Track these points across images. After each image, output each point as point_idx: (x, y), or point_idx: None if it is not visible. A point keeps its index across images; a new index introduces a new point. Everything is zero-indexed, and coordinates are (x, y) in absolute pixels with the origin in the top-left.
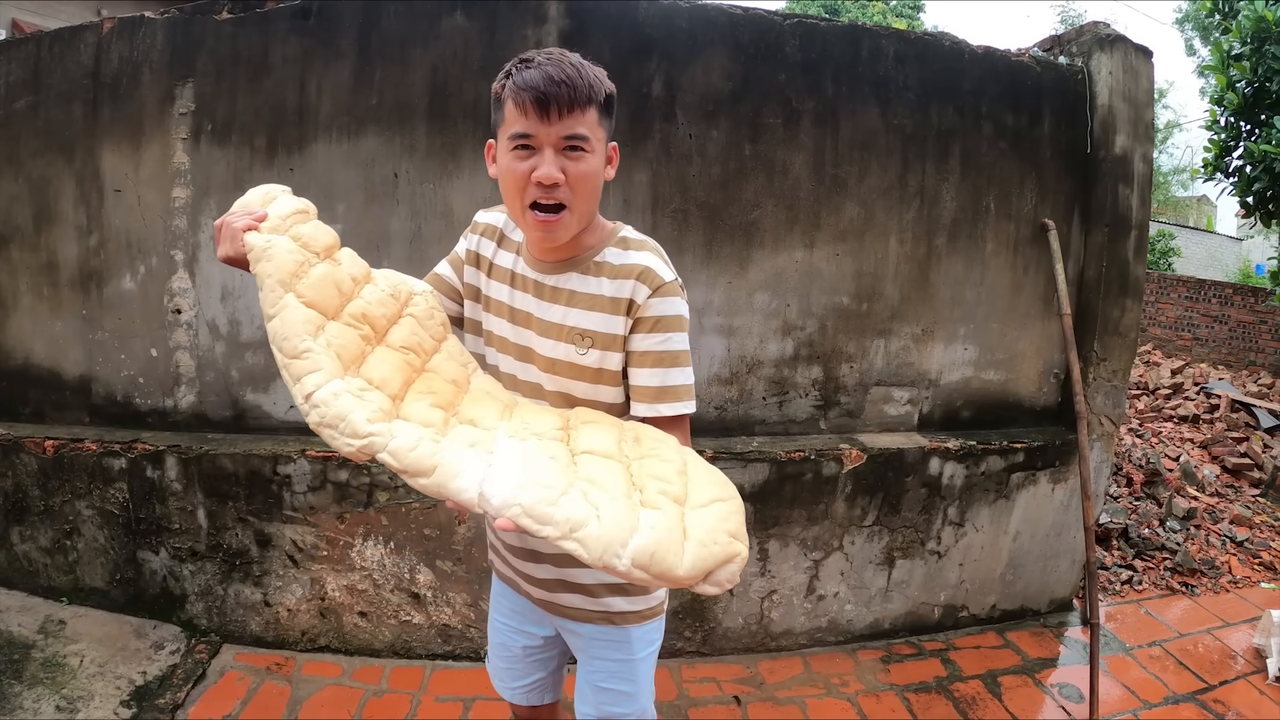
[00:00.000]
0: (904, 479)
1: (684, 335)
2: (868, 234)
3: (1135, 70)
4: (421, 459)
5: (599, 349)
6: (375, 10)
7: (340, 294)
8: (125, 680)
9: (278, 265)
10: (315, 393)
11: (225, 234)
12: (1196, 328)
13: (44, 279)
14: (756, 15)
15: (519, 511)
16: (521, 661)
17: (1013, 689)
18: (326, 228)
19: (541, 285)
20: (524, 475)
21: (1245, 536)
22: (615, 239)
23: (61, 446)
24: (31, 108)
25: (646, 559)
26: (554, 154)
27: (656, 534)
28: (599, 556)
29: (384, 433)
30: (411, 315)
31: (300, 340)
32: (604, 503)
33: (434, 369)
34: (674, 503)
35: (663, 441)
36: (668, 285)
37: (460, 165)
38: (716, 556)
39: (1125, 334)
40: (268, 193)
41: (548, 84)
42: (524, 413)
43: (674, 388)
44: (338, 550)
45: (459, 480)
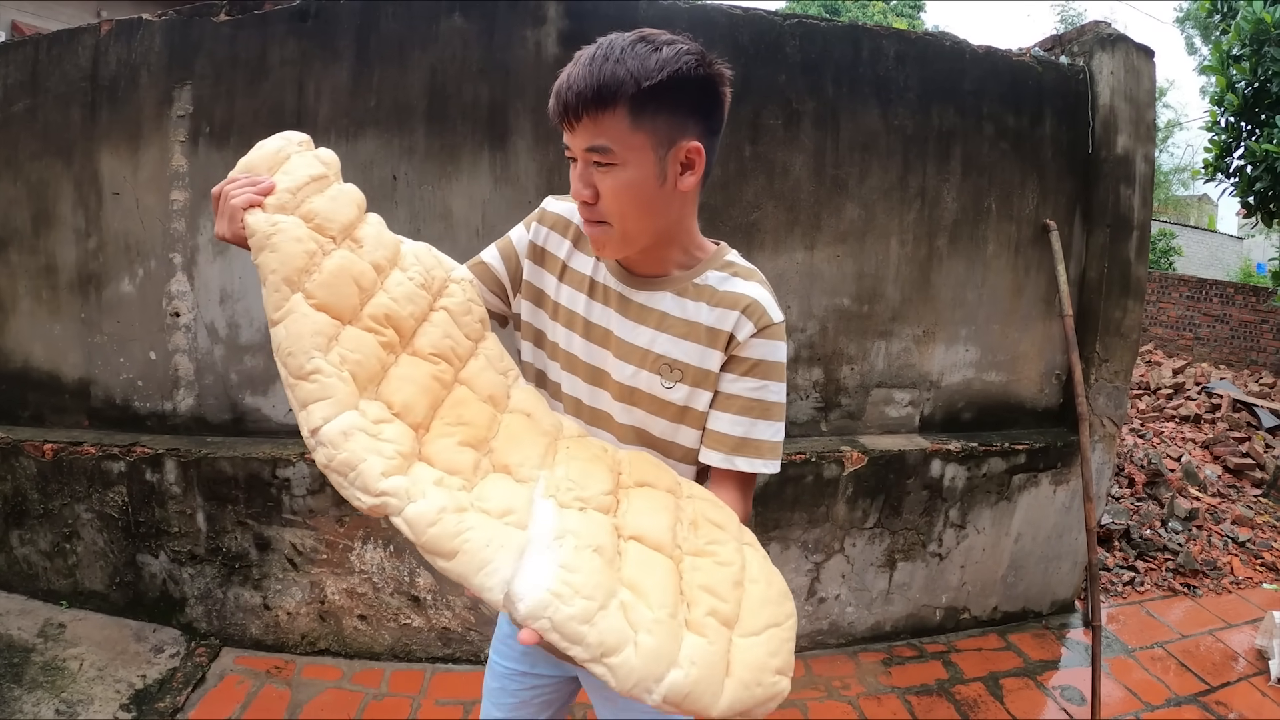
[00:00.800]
0: (905, 481)
1: (782, 387)
2: (868, 235)
3: (1136, 70)
4: (441, 539)
5: (688, 384)
6: (373, 12)
7: (359, 290)
8: (125, 684)
9: (283, 259)
10: (323, 428)
11: (223, 209)
12: (1198, 327)
13: (43, 282)
14: (756, 16)
15: (548, 626)
16: (528, 705)
17: (1014, 691)
18: (349, 195)
19: (628, 301)
20: (560, 578)
21: (1247, 537)
22: (720, 261)
23: (61, 450)
24: (30, 110)
25: (680, 698)
26: (584, 168)
27: (697, 671)
28: (629, 688)
29: (400, 493)
30: (445, 309)
31: (307, 357)
32: (644, 625)
33: (468, 381)
34: (723, 627)
35: (723, 529)
36: (775, 327)
37: (459, 167)
38: (757, 698)
39: (1127, 335)
40: (279, 150)
41: (563, 90)
42: (569, 459)
43: (757, 442)
44: (337, 553)
45: (484, 575)
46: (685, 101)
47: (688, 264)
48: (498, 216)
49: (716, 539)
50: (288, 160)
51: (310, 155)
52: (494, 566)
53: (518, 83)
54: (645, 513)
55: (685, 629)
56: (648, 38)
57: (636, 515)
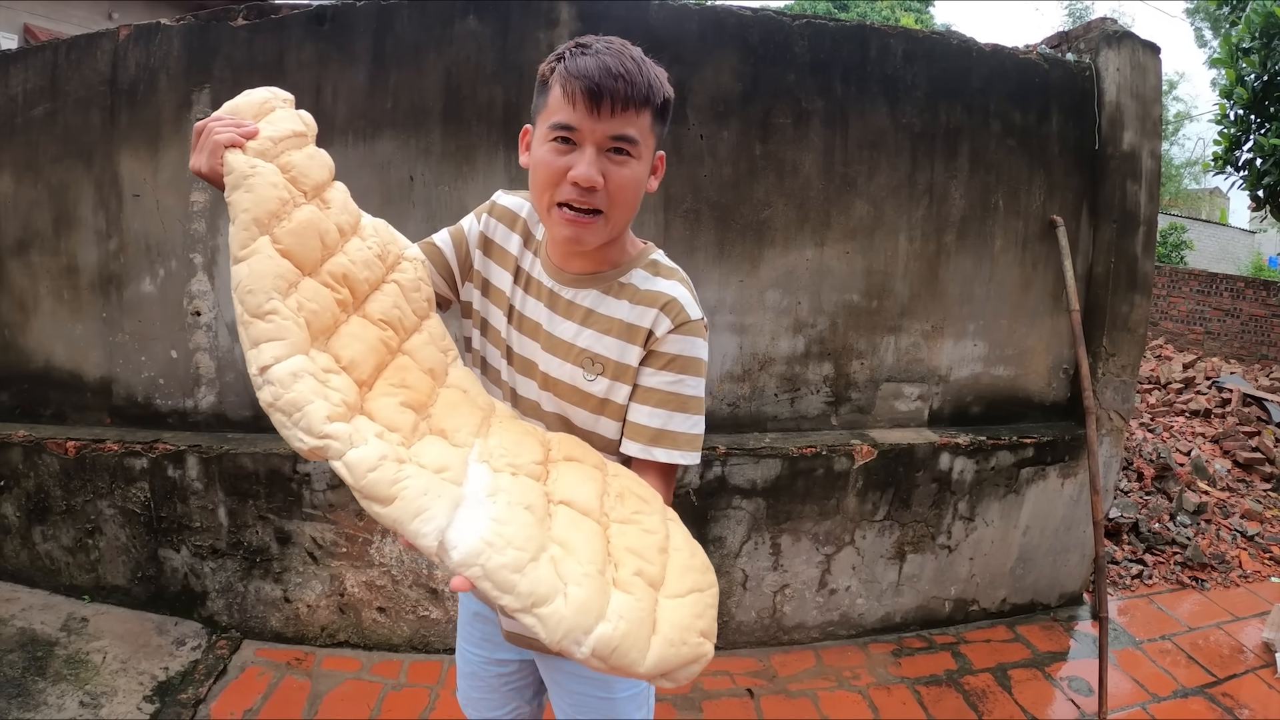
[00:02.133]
0: (914, 474)
1: (700, 381)
2: (877, 232)
3: (1143, 66)
4: (379, 484)
5: (608, 378)
6: (389, 15)
7: (323, 247)
8: (148, 676)
9: (257, 199)
10: (273, 367)
11: (204, 143)
12: (1208, 321)
13: (64, 283)
14: (765, 16)
15: (479, 574)
16: (497, 691)
17: (1022, 682)
18: (323, 157)
19: (556, 296)
20: (492, 529)
21: (1256, 531)
22: (645, 261)
23: (83, 447)
24: (50, 114)
25: (608, 651)
26: (596, 154)
27: (625, 625)
28: (558, 640)
29: (342, 437)
30: (396, 283)
31: (266, 297)
32: (574, 578)
33: (411, 352)
34: (649, 587)
35: (648, 503)
36: (693, 324)
37: (475, 168)
38: (683, 657)
39: (1134, 329)
40: (265, 101)
41: (604, 75)
42: (503, 431)
43: (675, 434)
44: (357, 547)
45: (419, 522)
46: (667, 115)
47: (617, 262)
48: None
49: (642, 510)
50: (273, 111)
51: (293, 112)
52: (430, 514)
53: (531, 84)
54: (574, 482)
55: (613, 587)
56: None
57: (565, 484)
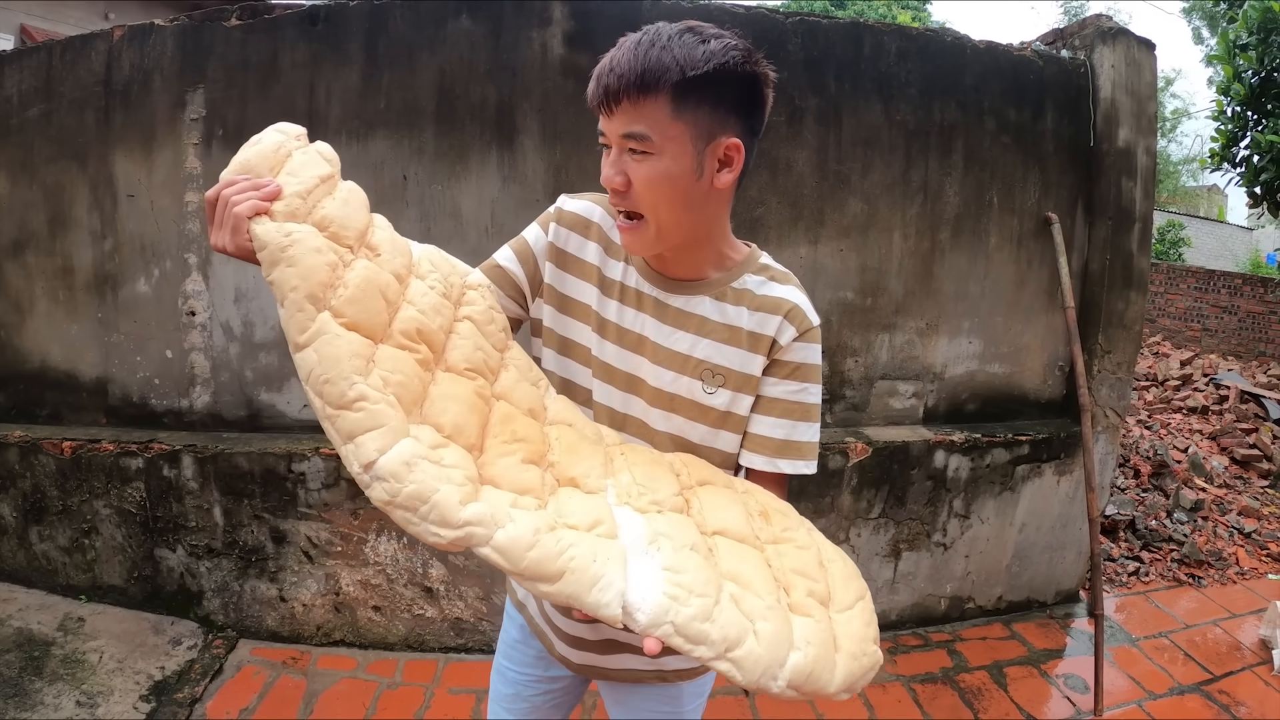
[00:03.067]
0: (909, 472)
1: (819, 388)
2: (871, 229)
3: (1138, 63)
4: (544, 561)
5: (730, 389)
6: (382, 15)
7: (387, 305)
8: (144, 675)
9: (303, 272)
10: (379, 461)
11: (223, 217)
12: (1206, 318)
13: (59, 283)
14: (759, 14)
15: (671, 631)
16: (539, 710)
17: (1018, 680)
18: (358, 197)
19: (664, 306)
20: (670, 580)
21: (1253, 528)
22: (755, 265)
23: (79, 447)
24: (45, 115)
25: (803, 679)
26: (617, 154)
27: (814, 650)
28: (756, 679)
29: (484, 520)
30: (470, 319)
31: (349, 384)
32: (759, 613)
33: (506, 395)
34: (821, 605)
35: (788, 516)
36: (814, 330)
37: (468, 167)
38: (864, 669)
39: (1130, 326)
40: (279, 147)
41: (601, 72)
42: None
43: (800, 444)
44: (352, 546)
45: (598, 591)
46: (728, 96)
47: (722, 266)
48: (506, 215)
49: (789, 525)
50: (289, 158)
51: (313, 152)
52: (607, 580)
53: (524, 83)
54: (719, 508)
55: (791, 612)
56: (696, 29)
57: (712, 511)
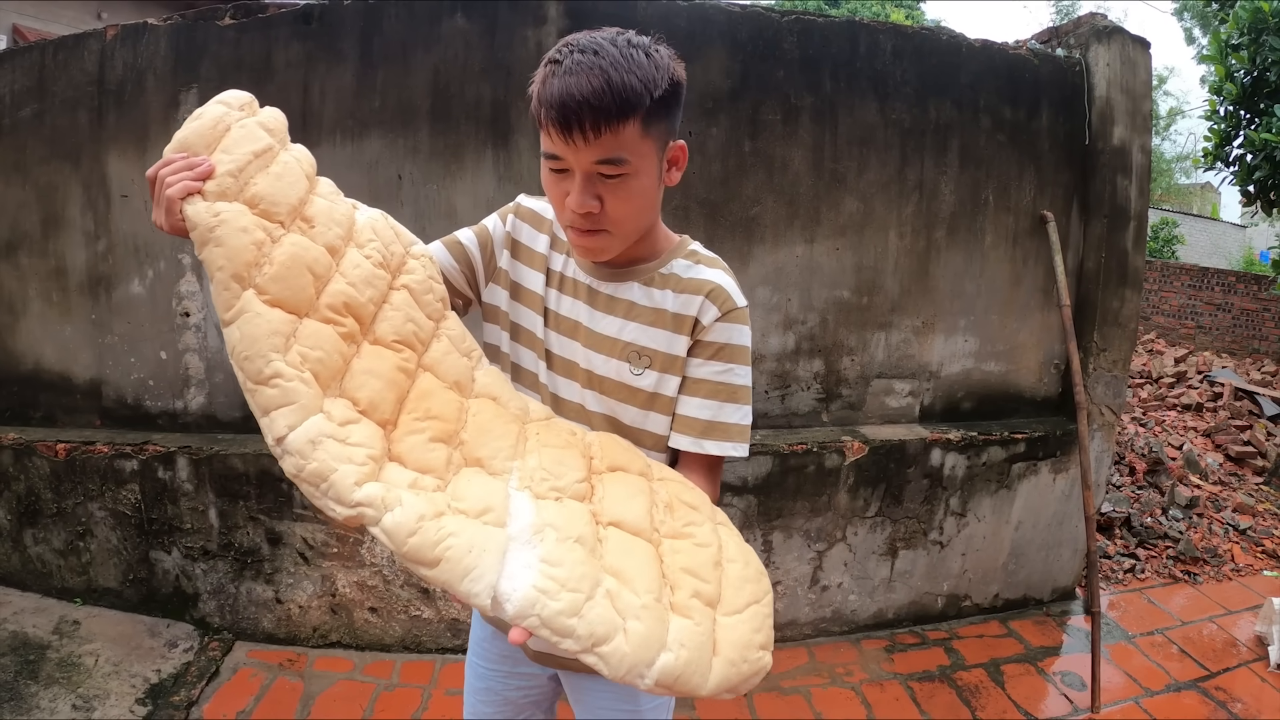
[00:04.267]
0: (906, 470)
1: (748, 370)
2: (867, 228)
3: (1133, 61)
4: (423, 548)
5: (657, 370)
6: (376, 14)
7: (315, 278)
8: (140, 678)
9: (229, 252)
10: (289, 436)
11: (159, 198)
12: (1200, 316)
13: (53, 284)
14: (755, 13)
15: (537, 623)
16: (513, 704)
17: (1015, 677)
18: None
19: (596, 292)
20: (544, 575)
21: (1248, 524)
22: (684, 251)
23: (73, 449)
24: (37, 115)
25: (671, 680)
26: (585, 180)
27: (686, 653)
28: (621, 675)
29: (375, 502)
30: (406, 288)
31: (266, 361)
32: (632, 612)
33: (433, 366)
34: (707, 607)
35: (698, 510)
36: (740, 310)
37: (463, 166)
38: (744, 675)
39: (1125, 324)
40: (218, 121)
41: (570, 102)
42: (541, 446)
43: (726, 425)
44: (348, 547)
45: (469, 582)
46: (674, 104)
47: (653, 254)
48: None
49: (693, 520)
50: (228, 133)
51: (253, 123)
52: (478, 572)
53: (519, 82)
54: (621, 498)
55: (671, 612)
56: (635, 43)
57: (613, 501)
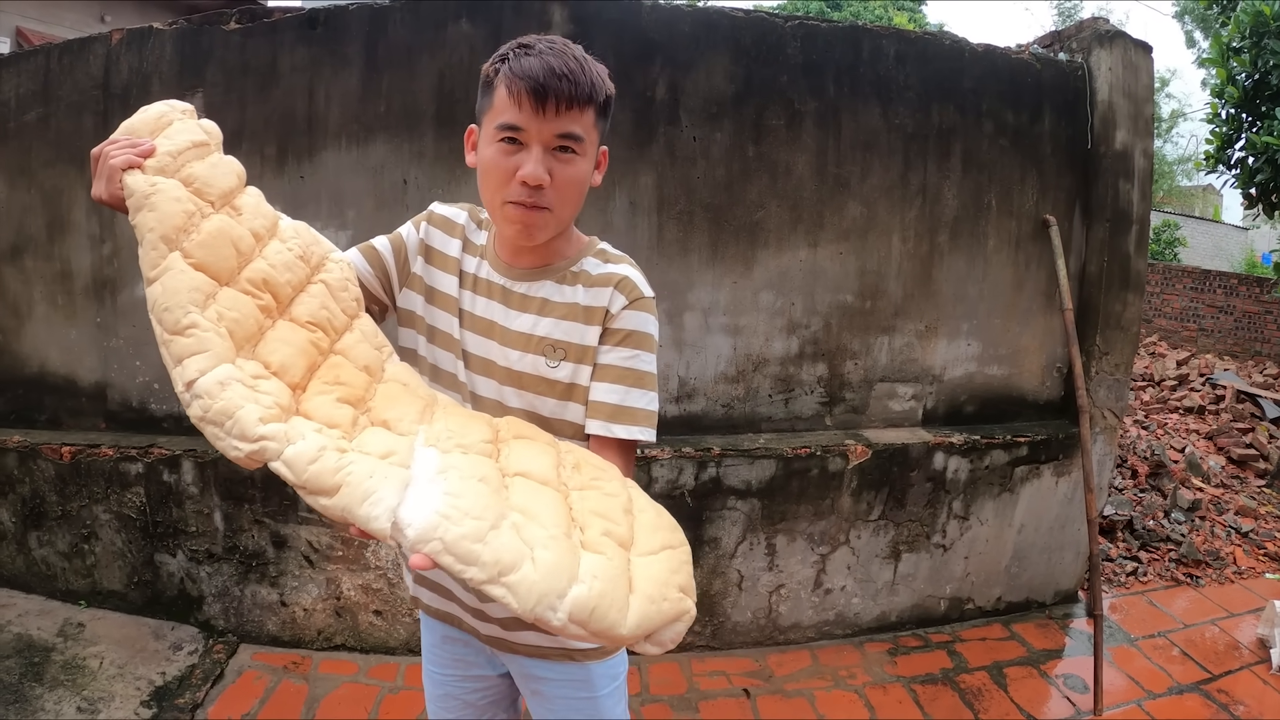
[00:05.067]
0: (909, 474)
1: (653, 357)
2: (870, 232)
3: (1135, 65)
4: (323, 474)
5: (571, 361)
6: (382, 18)
7: (238, 254)
8: (145, 681)
9: (161, 217)
10: (199, 380)
11: (101, 169)
12: (1202, 319)
13: (58, 288)
14: (758, 18)
15: (440, 548)
16: (474, 707)
17: (1018, 680)
18: (229, 164)
19: (509, 292)
20: (447, 502)
21: (1250, 527)
22: (594, 250)
23: (78, 452)
24: (43, 119)
25: (586, 614)
26: (543, 152)
27: (600, 585)
28: (531, 607)
29: (278, 436)
30: (324, 283)
31: (184, 312)
32: (540, 541)
33: (344, 351)
34: (619, 547)
35: (605, 471)
36: (645, 300)
37: (468, 171)
38: (665, 614)
39: (1127, 328)
40: (161, 116)
41: (548, 75)
42: (447, 416)
43: (633, 409)
44: (352, 550)
45: (369, 505)
46: (610, 112)
47: (565, 254)
48: None
49: (600, 476)
50: (170, 125)
51: (193, 123)
52: (379, 495)
53: None
54: (527, 456)
55: (582, 549)
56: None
57: (518, 457)
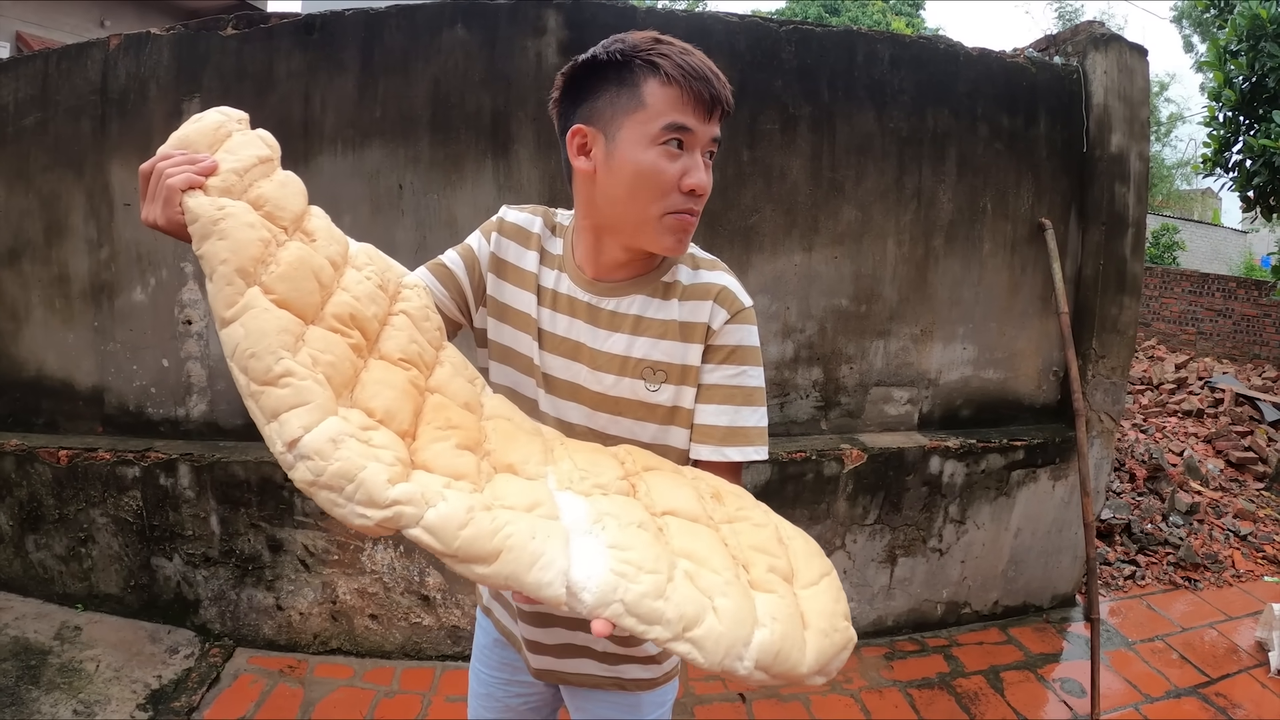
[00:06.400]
0: (905, 478)
1: (760, 371)
2: (865, 236)
3: (1130, 69)
4: (479, 540)
5: (673, 384)
6: (377, 24)
7: (320, 287)
8: (141, 684)
9: (234, 246)
10: (304, 438)
11: (155, 189)
12: (1200, 322)
13: (55, 292)
14: (752, 22)
15: (621, 610)
16: (515, 711)
17: (1015, 684)
18: (296, 183)
19: (596, 310)
20: (618, 557)
21: (1249, 530)
22: (684, 255)
23: (75, 456)
24: (40, 123)
25: (771, 658)
26: (704, 156)
27: (781, 627)
28: (719, 660)
29: (414, 499)
30: (405, 313)
31: (275, 359)
32: (717, 589)
33: (440, 388)
34: (785, 581)
35: (743, 497)
36: (746, 311)
37: (463, 175)
38: (836, 646)
39: (1124, 331)
40: (219, 126)
41: (714, 78)
42: (570, 454)
43: (745, 429)
44: (348, 554)
45: (538, 570)
46: None
47: (651, 264)
48: None
49: (743, 505)
50: (229, 138)
51: (253, 135)
52: (548, 559)
53: (519, 92)
54: (667, 490)
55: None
56: None
57: (660, 494)
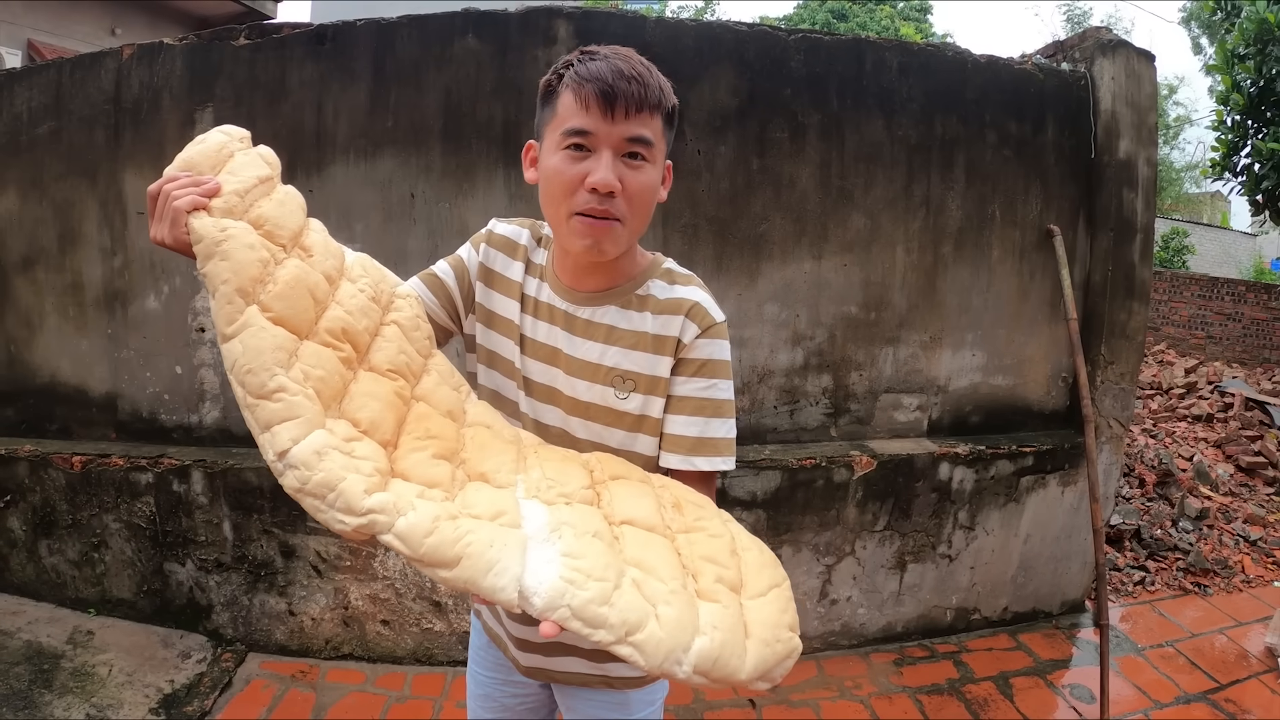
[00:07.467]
0: (914, 484)
1: (729, 384)
2: (874, 244)
3: (1138, 75)
4: (441, 547)
5: (641, 393)
6: (389, 34)
7: (315, 303)
8: (153, 689)
9: (235, 267)
10: (292, 450)
11: (163, 210)
12: (1210, 326)
13: (69, 299)
14: (761, 31)
15: (567, 614)
16: (512, 711)
17: (1024, 690)
18: (295, 199)
19: (573, 318)
20: (569, 565)
21: (1259, 536)
22: (659, 270)
23: (89, 462)
24: (54, 132)
25: (709, 664)
26: (612, 158)
27: (720, 635)
28: (659, 664)
29: (387, 508)
30: (396, 324)
31: (270, 375)
32: (661, 597)
33: (425, 397)
34: (731, 592)
35: (704, 508)
36: (718, 326)
37: (475, 185)
38: (779, 655)
39: (1132, 337)
40: (221, 147)
41: (616, 77)
42: (541, 462)
43: (714, 440)
44: (360, 560)
45: (493, 576)
46: (675, 124)
47: (628, 276)
48: None
49: (702, 516)
50: (231, 159)
51: (254, 154)
52: (502, 565)
53: (530, 101)
54: (629, 499)
55: (698, 598)
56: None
57: (621, 503)
